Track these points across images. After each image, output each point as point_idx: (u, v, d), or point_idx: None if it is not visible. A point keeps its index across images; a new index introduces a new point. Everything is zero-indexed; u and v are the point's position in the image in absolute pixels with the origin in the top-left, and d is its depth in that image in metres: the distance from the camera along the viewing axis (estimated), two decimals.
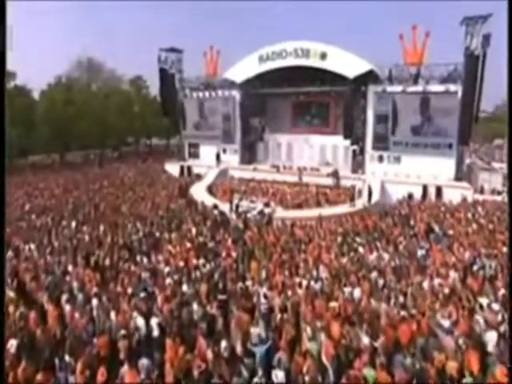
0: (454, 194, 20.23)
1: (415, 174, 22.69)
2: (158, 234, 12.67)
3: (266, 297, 8.35)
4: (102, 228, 13.24)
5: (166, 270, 9.82)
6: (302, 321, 7.80)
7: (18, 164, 28.37)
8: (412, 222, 14.93)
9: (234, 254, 11.02)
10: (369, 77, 23.06)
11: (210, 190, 22.20)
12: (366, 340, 6.98)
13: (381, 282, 9.51)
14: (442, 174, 22.04)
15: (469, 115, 20.32)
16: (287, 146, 28.65)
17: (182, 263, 10.25)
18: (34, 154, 34.05)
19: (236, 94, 27.58)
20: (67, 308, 7.77)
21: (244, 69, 25.82)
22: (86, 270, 9.62)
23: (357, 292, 8.87)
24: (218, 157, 27.95)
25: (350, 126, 24.55)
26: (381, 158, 24.12)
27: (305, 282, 9.23)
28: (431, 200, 20.13)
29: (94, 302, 8.15)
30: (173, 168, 29.04)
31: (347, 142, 25.43)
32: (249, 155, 28.71)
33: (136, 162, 33.57)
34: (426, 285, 9.08)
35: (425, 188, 21.19)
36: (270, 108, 28.88)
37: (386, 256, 11.01)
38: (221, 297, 8.52)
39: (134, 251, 11.13)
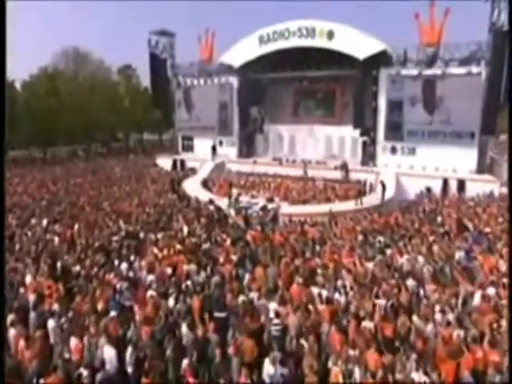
0: (477, 188, 18.52)
1: (433, 166, 20.97)
2: (142, 235, 10.80)
3: (277, 315, 6.52)
4: (76, 227, 11.34)
5: (149, 278, 7.97)
6: (328, 347, 6.04)
7: None
8: (439, 219, 13.18)
9: (233, 258, 9.21)
10: (381, 59, 21.29)
11: (205, 184, 20.43)
12: (415, 375, 5.25)
13: (418, 291, 7.73)
14: (463, 166, 20.33)
15: (494, 100, 18.63)
16: (289, 138, 26.92)
17: (169, 270, 8.40)
18: (16, 149, 31.99)
19: (233, 81, 25.80)
20: (11, 333, 5.90)
21: (242, 51, 23.95)
22: (47, 280, 7.75)
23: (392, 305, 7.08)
24: (213, 149, 26.16)
25: (360, 115, 22.79)
26: (394, 150, 22.39)
27: (325, 293, 7.43)
28: (454, 194, 18.40)
29: (51, 323, 6.29)
30: (165, 162, 27.33)
31: (355, 133, 23.68)
32: (247, 148, 26.97)
33: (126, 157, 31.64)
34: (477, 296, 7.30)
35: (445, 181, 19.46)
36: (271, 96, 27.04)
37: (420, 259, 9.21)
38: (218, 314, 6.70)
39: (111, 255, 9.26)
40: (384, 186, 16.66)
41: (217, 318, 6.63)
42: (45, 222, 11.80)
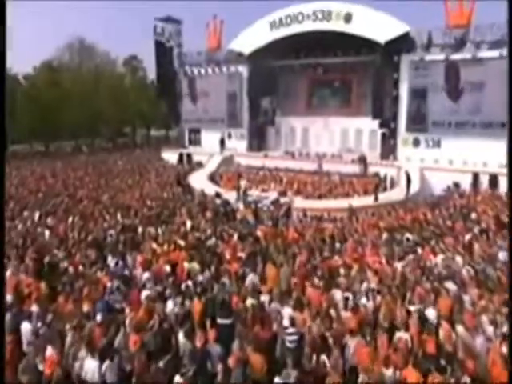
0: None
1: (460, 159, 19.57)
2: (141, 229, 9.99)
3: (292, 322, 5.55)
4: (70, 220, 10.63)
5: (145, 277, 7.11)
6: (355, 365, 5.06)
7: None
8: (473, 216, 11.95)
9: (242, 256, 8.29)
10: (403, 43, 20.00)
11: (213, 178, 19.61)
12: None
13: (459, 296, 6.63)
14: (493, 159, 18.85)
15: None
16: (302, 131, 25.82)
17: (167, 268, 7.53)
18: (18, 143, 31.90)
19: (243, 70, 24.89)
20: None
21: (252, 38, 22.97)
22: (29, 277, 6.97)
23: (431, 313, 6.03)
24: (222, 142, 25.34)
25: (379, 105, 21.56)
26: (417, 142, 21.08)
27: (349, 297, 6.42)
28: (486, 190, 17.03)
29: (25, 327, 5.48)
30: (171, 156, 26.68)
31: (374, 125, 22.46)
32: (258, 141, 26.02)
33: (131, 152, 31.16)
34: None
35: (475, 176, 18.08)
36: (283, 86, 25.99)
37: (458, 259, 8.09)
38: (222, 321, 5.77)
39: (105, 250, 8.46)
40: (409, 179, 15.47)
41: (220, 325, 5.71)
42: (37, 214, 11.13)
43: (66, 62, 35.54)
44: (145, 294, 6.49)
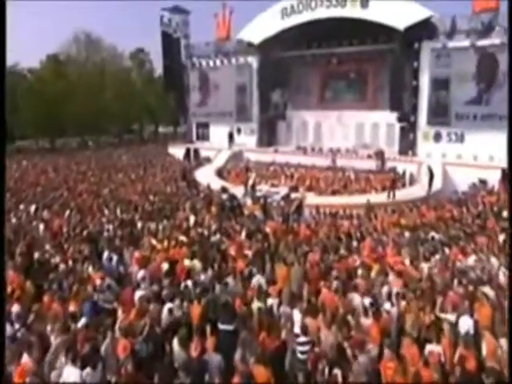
0: None
1: (486, 155, 18.46)
2: (140, 224, 9.47)
3: (304, 329, 4.88)
4: (67, 214, 10.21)
5: (140, 275, 6.54)
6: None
7: None
8: (505, 214, 10.99)
9: (248, 254, 7.66)
10: (424, 29, 19.00)
11: (220, 174, 19.05)
12: None
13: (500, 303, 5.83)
14: None
15: None
16: (315, 125, 25.03)
17: (166, 266, 6.96)
18: (23, 139, 32.06)
19: (253, 61, 24.26)
20: None
21: (263, 26, 22.29)
22: (14, 274, 6.49)
23: (467, 322, 5.27)
24: (230, 137, 24.81)
25: (398, 96, 20.61)
26: (438, 136, 20.05)
27: (367, 302, 5.71)
28: None
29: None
30: (178, 152, 26.30)
31: (391, 118, 21.52)
32: (268, 136, 25.38)
33: (137, 147, 30.97)
34: None
35: (504, 172, 16.95)
36: (295, 78, 25.25)
37: (493, 261, 7.25)
38: (224, 326, 5.15)
39: (100, 246, 7.96)
40: (432, 174, 14.54)
41: (222, 332, 5.09)
42: (33, 207, 10.74)
43: (72, 56, 35.57)
44: (138, 294, 5.92)
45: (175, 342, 4.68)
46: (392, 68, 20.78)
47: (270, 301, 5.89)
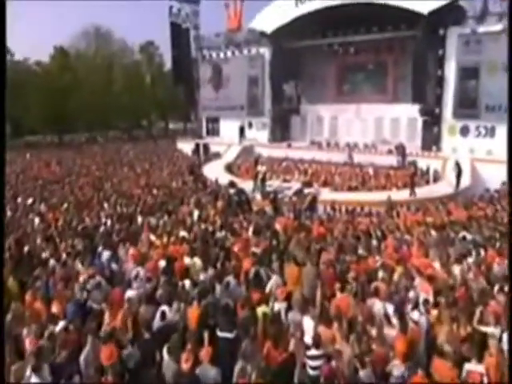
0: None
1: None
2: (141, 219, 9.02)
3: (317, 341, 4.24)
4: (65, 207, 9.88)
5: (133, 272, 6.03)
6: None
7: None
8: None
9: (256, 252, 7.05)
10: (450, 13, 17.92)
11: (230, 169, 18.54)
12: None
13: None
14: None
15: None
16: (331, 120, 24.21)
17: (163, 263, 6.44)
18: (31, 134, 32.45)
19: (265, 52, 23.67)
20: None
21: (275, 14, 21.58)
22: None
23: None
24: (241, 131, 24.37)
25: (421, 87, 19.57)
26: (466, 130, 18.93)
27: (391, 310, 5.00)
28: None
29: None
30: (187, 147, 26.04)
31: (413, 112, 20.54)
32: (281, 131, 24.78)
33: (145, 143, 30.94)
34: None
35: None
36: (309, 69, 24.44)
37: None
38: (223, 334, 4.56)
39: (94, 241, 7.52)
40: (460, 170, 13.58)
41: (220, 340, 4.50)
42: (30, 200, 10.46)
43: (81, 50, 35.86)
44: (129, 293, 5.40)
45: (165, 351, 4.12)
46: (414, 57, 19.76)
47: (277, 305, 5.27)
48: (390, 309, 5.08)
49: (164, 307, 5.15)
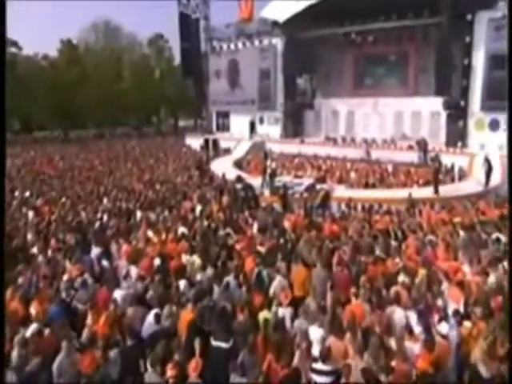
0: None
1: None
2: (140, 214, 8.67)
3: (325, 354, 3.71)
4: (63, 201, 9.67)
5: (124, 271, 5.63)
6: None
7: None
8: None
9: (261, 251, 6.56)
10: None
11: (240, 165, 18.13)
12: None
13: None
14: None
15: None
16: (347, 114, 23.56)
17: (158, 261, 6.02)
18: (42, 129, 32.92)
19: (277, 43, 23.22)
20: None
21: (288, 2, 21.03)
22: None
23: None
24: (252, 126, 23.98)
25: (445, 78, 18.71)
26: (495, 124, 17.93)
27: (414, 319, 4.40)
28: None
29: None
30: (196, 143, 25.87)
31: (436, 105, 19.74)
32: (294, 126, 24.27)
33: (154, 138, 30.98)
34: None
35: None
36: (324, 61, 23.87)
37: None
38: (217, 343, 4.07)
39: (87, 236, 7.18)
40: (490, 167, 12.71)
41: (214, 350, 4.00)
42: (27, 194, 10.28)
43: (91, 44, 36.19)
44: (117, 293, 4.98)
45: (148, 361, 3.66)
46: (438, 45, 18.94)
47: (281, 311, 4.75)
48: (413, 318, 4.49)
49: (155, 310, 4.74)
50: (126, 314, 4.57)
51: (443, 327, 4.23)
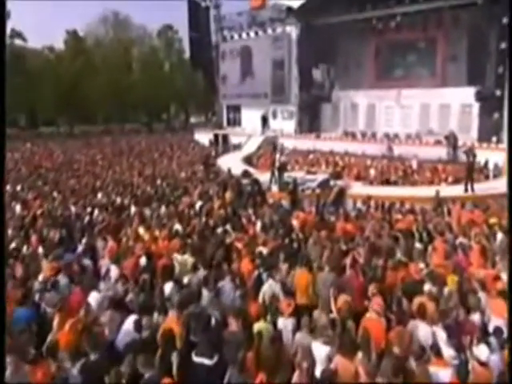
0: None
1: None
2: (134, 209, 8.32)
3: (329, 377, 3.16)
4: (55, 196, 9.46)
5: (103, 270, 5.21)
6: None
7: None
8: None
9: (262, 252, 6.01)
10: None
11: (249, 161, 17.71)
12: None
13: None
14: None
15: None
16: (368, 108, 22.80)
17: (144, 260, 5.58)
18: (50, 125, 33.47)
19: (292, 31, 22.69)
20: None
21: None
22: None
23: None
24: (264, 120, 23.54)
25: (478, 66, 17.71)
26: None
27: (442, 338, 3.76)
28: None
29: None
30: (205, 138, 25.67)
31: (467, 97, 18.68)
32: (309, 120, 23.64)
33: (163, 134, 31.08)
34: None
35: None
36: (343, 50, 23.19)
37: None
38: (199, 359, 3.54)
39: (73, 233, 6.83)
40: None
41: (195, 368, 3.47)
42: (18, 187, 10.11)
43: (100, 37, 36.62)
44: (92, 296, 4.54)
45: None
46: (470, 30, 18.02)
47: (281, 322, 4.19)
48: (442, 337, 3.84)
49: (134, 316, 4.27)
50: (97, 320, 4.10)
51: (482, 350, 3.55)
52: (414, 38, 21.10)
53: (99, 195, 9.68)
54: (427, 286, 4.93)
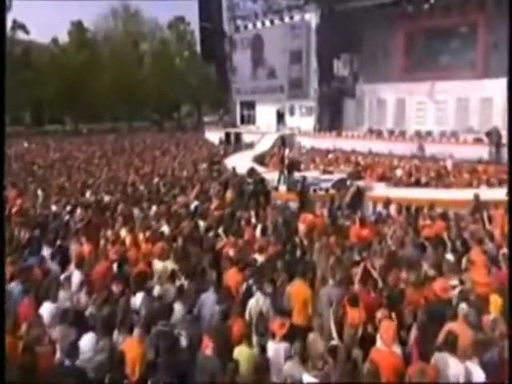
0: None
1: None
2: (121, 207, 7.99)
3: None
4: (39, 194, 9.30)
5: (63, 278, 4.77)
6: None
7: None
8: None
9: (258, 258, 5.44)
10: None
11: (261, 160, 17.30)
12: None
13: None
14: None
15: None
16: (397, 103, 22.28)
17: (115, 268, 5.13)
18: (56, 123, 34.27)
19: (311, 18, 22.37)
20: None
21: None
22: None
23: None
24: (280, 117, 23.18)
25: None
26: None
27: (479, 378, 3.11)
28: None
29: None
30: (216, 137, 25.70)
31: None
32: (330, 117, 23.25)
33: (171, 133, 31.33)
34: None
35: None
36: (368, 39, 22.50)
37: None
38: None
39: (47, 233, 6.49)
40: None
41: None
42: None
43: (109, 31, 37.37)
44: (45, 307, 4.07)
45: None
46: None
47: (271, 346, 3.60)
48: (478, 375, 3.13)
49: (92, 333, 3.78)
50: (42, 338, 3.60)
51: None
52: (450, 23, 20.40)
53: (87, 193, 9.47)
54: (462, 309, 4.20)
